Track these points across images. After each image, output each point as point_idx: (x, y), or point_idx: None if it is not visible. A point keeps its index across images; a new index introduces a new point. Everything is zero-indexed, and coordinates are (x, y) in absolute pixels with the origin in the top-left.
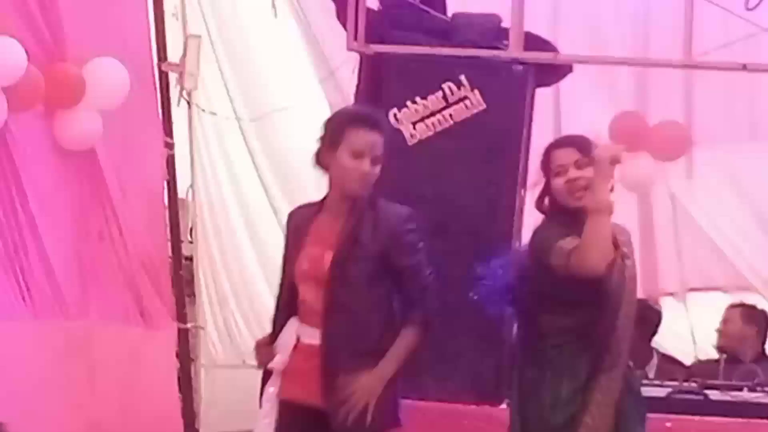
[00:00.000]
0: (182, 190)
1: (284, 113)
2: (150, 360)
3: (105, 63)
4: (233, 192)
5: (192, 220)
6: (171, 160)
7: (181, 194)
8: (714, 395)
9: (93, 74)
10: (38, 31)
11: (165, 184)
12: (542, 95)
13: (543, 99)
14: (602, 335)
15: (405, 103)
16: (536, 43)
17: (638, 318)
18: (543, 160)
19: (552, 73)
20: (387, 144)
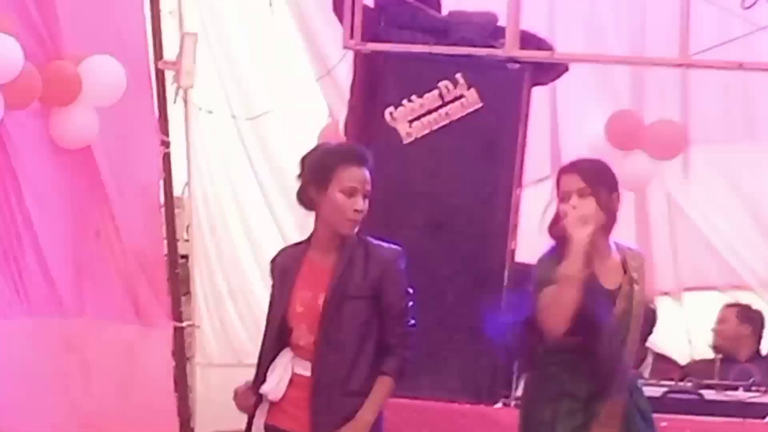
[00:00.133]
0: (178, 188)
1: (281, 112)
2: (145, 358)
3: (101, 61)
4: (229, 190)
5: (188, 219)
6: (167, 158)
7: (177, 192)
8: (709, 395)
9: (89, 72)
10: (35, 29)
11: (161, 182)
12: (538, 94)
13: (539, 98)
14: (605, 361)
15: (401, 102)
16: (532, 42)
17: None
18: (555, 184)
19: (548, 72)
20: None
